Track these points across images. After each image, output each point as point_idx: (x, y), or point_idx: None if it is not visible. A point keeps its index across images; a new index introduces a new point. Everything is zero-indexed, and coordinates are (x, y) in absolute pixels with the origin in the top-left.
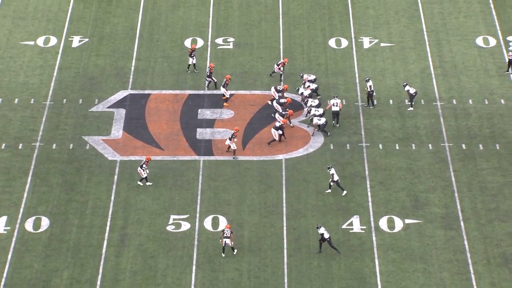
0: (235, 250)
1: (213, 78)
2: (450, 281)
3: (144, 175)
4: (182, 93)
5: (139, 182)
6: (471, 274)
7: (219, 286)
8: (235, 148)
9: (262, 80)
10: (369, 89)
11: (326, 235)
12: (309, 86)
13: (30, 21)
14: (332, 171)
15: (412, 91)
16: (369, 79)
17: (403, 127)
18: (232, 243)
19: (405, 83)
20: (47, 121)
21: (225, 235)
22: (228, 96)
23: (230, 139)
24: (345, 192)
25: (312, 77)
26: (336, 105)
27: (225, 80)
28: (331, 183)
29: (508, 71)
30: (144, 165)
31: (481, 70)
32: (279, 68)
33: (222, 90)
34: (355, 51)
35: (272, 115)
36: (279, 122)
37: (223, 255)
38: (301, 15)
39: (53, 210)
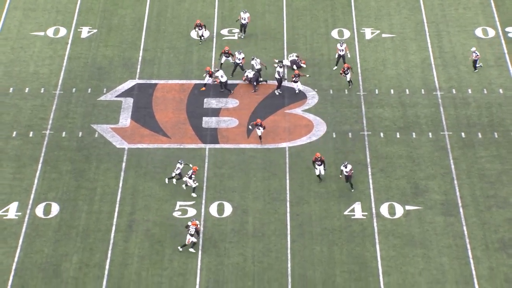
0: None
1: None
2: (449, 265)
3: (194, 185)
4: (188, 83)
5: (193, 194)
6: (470, 259)
7: (224, 270)
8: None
9: (265, 70)
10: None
11: None
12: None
13: (40, 13)
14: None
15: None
16: None
17: (404, 116)
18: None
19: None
20: (56, 110)
21: (190, 232)
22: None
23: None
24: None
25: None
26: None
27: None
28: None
29: (475, 69)
30: (192, 176)
31: (480, 61)
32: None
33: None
34: (357, 42)
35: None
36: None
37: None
38: (304, 6)
39: (62, 197)
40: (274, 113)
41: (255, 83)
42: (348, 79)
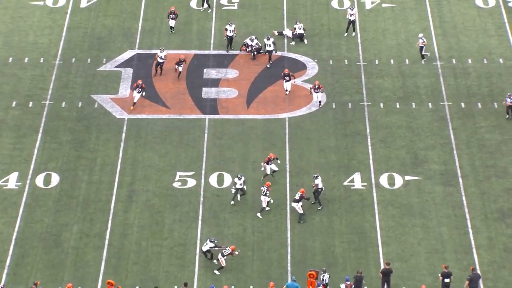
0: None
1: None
2: (448, 235)
3: (265, 204)
4: (188, 53)
5: (266, 209)
6: (468, 228)
7: (224, 240)
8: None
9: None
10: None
11: None
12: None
13: None
14: None
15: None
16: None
17: (404, 86)
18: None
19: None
20: (56, 80)
21: (224, 251)
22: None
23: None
24: None
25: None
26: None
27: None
28: None
29: (423, 58)
30: (267, 192)
31: (480, 30)
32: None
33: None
34: (357, 12)
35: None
36: (298, 193)
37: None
38: None
39: (62, 167)
40: (274, 83)
41: (255, 53)
42: (315, 99)
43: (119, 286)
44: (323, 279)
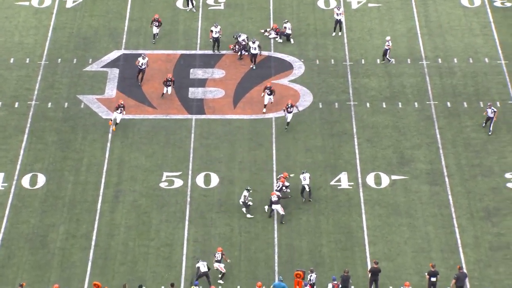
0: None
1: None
2: (434, 234)
3: (282, 213)
4: (174, 53)
5: (264, 209)
6: (455, 227)
7: (211, 240)
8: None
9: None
10: None
11: None
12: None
13: None
14: None
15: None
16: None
17: (390, 86)
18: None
19: None
20: (42, 80)
21: (216, 258)
22: None
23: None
24: None
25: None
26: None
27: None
28: None
29: (383, 60)
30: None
31: (466, 30)
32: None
33: None
34: (343, 12)
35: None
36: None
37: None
38: None
39: (49, 167)
40: (261, 83)
41: (242, 52)
42: (288, 120)
43: (106, 287)
44: (310, 279)
